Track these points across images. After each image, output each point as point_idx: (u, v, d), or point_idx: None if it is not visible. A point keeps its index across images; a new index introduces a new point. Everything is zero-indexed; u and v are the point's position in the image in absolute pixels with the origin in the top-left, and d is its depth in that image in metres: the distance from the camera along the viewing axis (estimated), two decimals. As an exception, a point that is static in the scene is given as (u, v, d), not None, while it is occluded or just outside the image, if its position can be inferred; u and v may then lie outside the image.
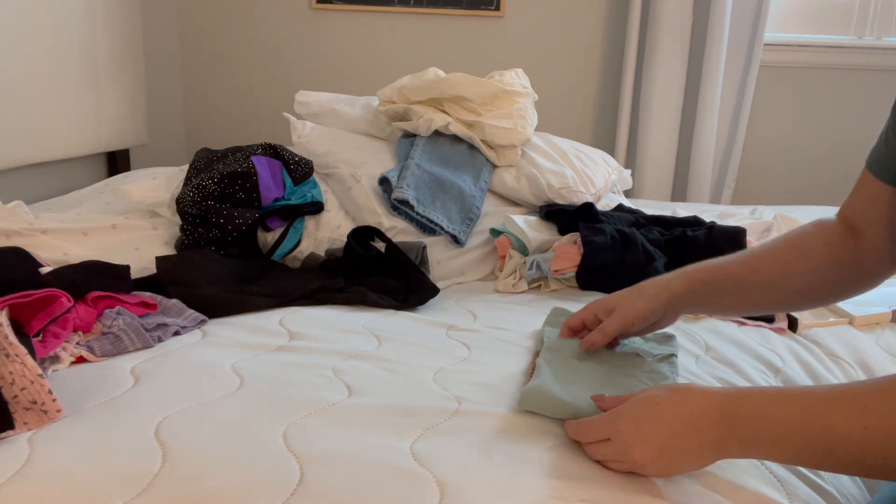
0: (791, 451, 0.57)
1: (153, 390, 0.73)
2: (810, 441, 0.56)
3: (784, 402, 0.58)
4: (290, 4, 2.36)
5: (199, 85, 2.44)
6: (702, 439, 0.59)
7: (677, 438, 0.59)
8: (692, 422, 0.59)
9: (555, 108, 2.39)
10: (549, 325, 0.95)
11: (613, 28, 2.33)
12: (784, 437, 0.57)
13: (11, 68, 1.51)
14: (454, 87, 1.44)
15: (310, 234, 1.29)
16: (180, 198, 1.21)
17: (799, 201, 2.40)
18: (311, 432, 0.65)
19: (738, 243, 1.26)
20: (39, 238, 1.12)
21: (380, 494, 0.57)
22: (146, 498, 0.56)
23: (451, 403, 0.72)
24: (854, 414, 0.55)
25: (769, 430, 0.57)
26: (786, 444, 0.57)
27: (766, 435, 0.57)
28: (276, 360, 0.82)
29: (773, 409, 0.58)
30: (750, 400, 0.59)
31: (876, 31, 2.30)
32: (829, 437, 0.55)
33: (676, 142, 2.29)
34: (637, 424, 0.60)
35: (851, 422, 0.54)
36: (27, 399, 0.66)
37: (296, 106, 1.59)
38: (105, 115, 1.84)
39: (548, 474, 0.60)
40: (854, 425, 0.54)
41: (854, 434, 0.54)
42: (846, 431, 0.55)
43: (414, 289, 1.13)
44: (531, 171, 1.43)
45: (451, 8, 2.31)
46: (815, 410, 0.56)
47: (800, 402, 0.57)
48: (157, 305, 0.94)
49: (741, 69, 2.24)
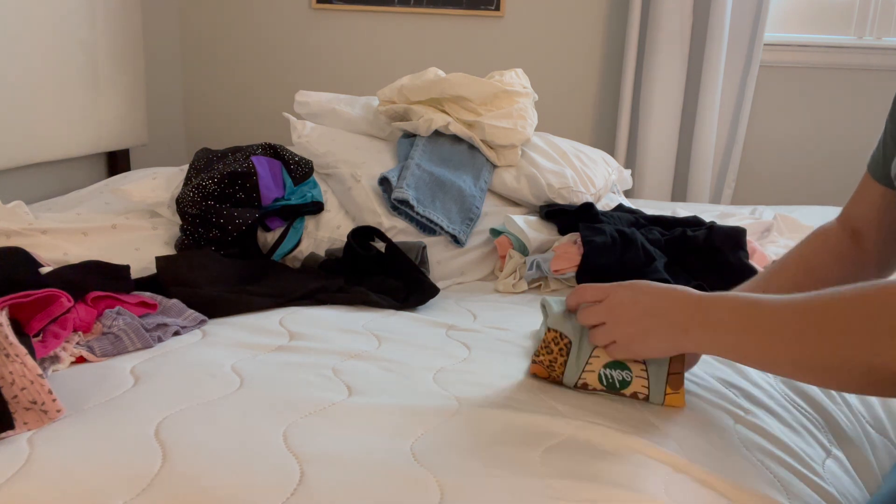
0: (745, 343, 0.61)
1: (153, 390, 0.73)
2: (764, 337, 0.60)
3: (751, 299, 0.62)
4: (290, 4, 2.36)
5: (199, 85, 2.44)
6: (671, 319, 0.65)
7: (651, 317, 0.66)
8: (668, 299, 0.66)
9: (555, 108, 2.39)
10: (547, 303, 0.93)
11: (613, 28, 2.33)
12: (743, 326, 0.61)
13: (11, 68, 1.51)
14: (454, 87, 1.44)
15: (310, 234, 1.29)
16: (180, 198, 1.21)
17: (799, 201, 2.40)
18: (311, 432, 0.65)
19: (738, 243, 1.26)
20: (39, 238, 1.12)
21: (380, 494, 0.57)
22: (146, 498, 0.56)
23: (451, 403, 0.72)
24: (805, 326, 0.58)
25: (730, 317, 0.61)
26: (742, 335, 0.61)
27: (726, 321, 0.61)
28: (276, 360, 0.82)
29: (740, 302, 0.62)
30: (725, 296, 0.64)
31: (876, 31, 2.30)
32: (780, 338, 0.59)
33: (676, 142, 2.29)
34: (630, 290, 0.68)
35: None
36: (27, 399, 0.66)
37: (296, 106, 1.59)
38: (105, 115, 1.84)
39: (548, 474, 0.60)
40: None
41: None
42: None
43: (414, 289, 1.13)
44: (531, 171, 1.43)
45: (451, 8, 2.31)
46: (775, 311, 0.60)
47: (766, 300, 0.61)
48: (157, 305, 0.94)
49: (741, 69, 2.24)
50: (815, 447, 0.75)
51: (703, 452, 0.67)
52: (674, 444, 0.67)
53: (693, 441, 0.68)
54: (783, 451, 0.71)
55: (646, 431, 0.69)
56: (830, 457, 0.76)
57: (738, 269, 1.22)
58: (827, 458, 0.75)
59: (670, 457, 0.64)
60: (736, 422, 0.74)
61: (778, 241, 1.53)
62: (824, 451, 0.76)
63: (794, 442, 0.73)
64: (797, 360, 0.59)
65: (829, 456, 0.76)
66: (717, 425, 0.73)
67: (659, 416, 0.73)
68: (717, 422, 0.73)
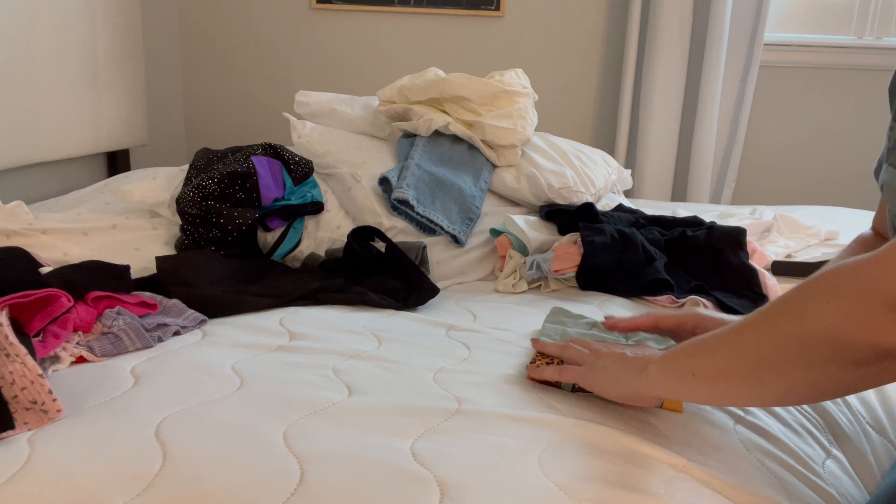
0: (699, 364, 0.62)
1: (153, 390, 0.73)
2: (712, 363, 0.61)
3: (705, 335, 0.64)
4: (290, 4, 2.36)
5: (199, 85, 2.44)
6: (632, 362, 0.70)
7: (626, 360, 0.72)
8: (642, 354, 0.71)
9: (555, 108, 2.39)
10: (549, 323, 0.96)
11: (613, 28, 2.33)
12: (694, 350, 0.63)
13: (12, 68, 1.51)
14: (454, 87, 1.44)
15: (310, 234, 1.29)
16: (180, 198, 1.21)
17: (799, 201, 2.40)
18: (311, 432, 0.65)
19: (738, 243, 1.26)
20: (39, 238, 1.12)
21: (380, 494, 0.57)
22: (146, 498, 0.56)
23: (451, 403, 0.72)
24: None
25: (684, 347, 0.64)
26: (694, 357, 0.63)
27: (679, 351, 0.64)
28: (277, 360, 0.82)
29: (696, 338, 0.64)
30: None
31: (876, 31, 2.30)
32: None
33: (676, 142, 2.29)
34: (615, 348, 0.76)
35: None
36: (27, 399, 0.66)
37: (296, 106, 1.59)
38: (105, 115, 1.84)
39: (548, 474, 0.60)
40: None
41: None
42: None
43: (414, 289, 1.13)
44: (531, 171, 1.43)
45: (451, 8, 2.31)
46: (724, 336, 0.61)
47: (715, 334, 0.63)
48: (157, 305, 0.94)
49: (741, 69, 2.24)
50: (815, 448, 0.75)
51: (703, 453, 0.67)
52: (674, 444, 0.67)
53: (693, 441, 0.68)
54: (783, 451, 0.71)
55: (646, 431, 0.69)
56: (830, 457, 0.76)
57: (738, 270, 1.22)
58: (827, 458, 0.75)
59: (670, 457, 0.64)
60: (736, 422, 0.74)
61: (778, 241, 1.53)
62: (824, 451, 0.76)
63: (794, 442, 0.73)
64: (751, 367, 0.58)
65: (828, 456, 0.76)
66: (717, 425, 0.73)
67: (659, 416, 0.73)
68: (717, 422, 0.73)
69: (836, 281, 0.53)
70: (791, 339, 0.55)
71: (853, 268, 0.53)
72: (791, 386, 0.56)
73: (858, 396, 0.91)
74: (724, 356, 0.60)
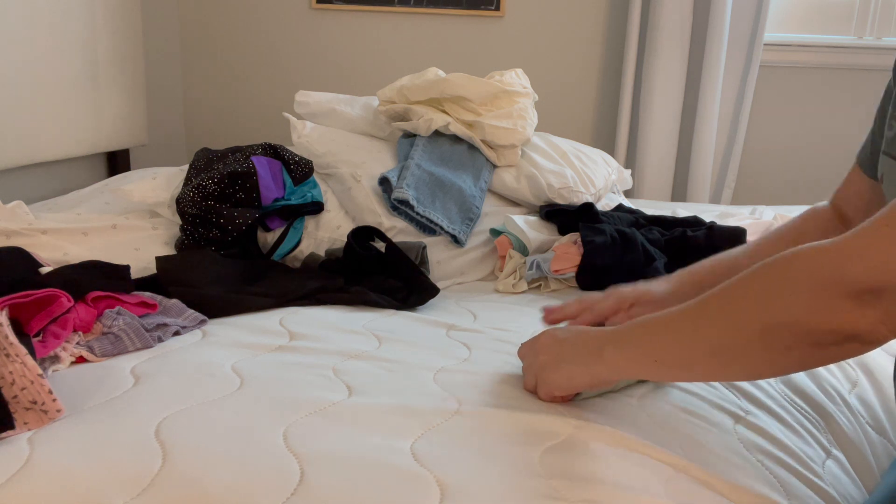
0: (657, 345, 0.62)
1: (153, 390, 0.73)
2: (670, 341, 0.61)
3: (665, 311, 0.64)
4: (289, 4, 2.36)
5: (199, 85, 2.44)
6: (586, 344, 0.68)
7: (565, 344, 0.70)
8: (585, 332, 0.70)
9: (555, 108, 2.39)
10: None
11: (613, 28, 2.33)
12: (653, 328, 0.63)
13: (11, 68, 1.51)
14: (454, 87, 1.44)
15: (310, 234, 1.29)
16: (180, 198, 1.21)
17: (799, 201, 2.40)
18: (311, 432, 0.65)
19: (738, 243, 1.26)
20: (39, 238, 1.12)
21: (380, 494, 0.57)
22: (146, 498, 0.56)
23: (451, 404, 0.72)
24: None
25: (641, 328, 0.64)
26: (653, 338, 0.63)
27: (637, 332, 0.64)
28: (276, 360, 0.82)
29: (652, 315, 0.64)
30: (638, 318, 0.66)
31: (876, 31, 2.30)
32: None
33: (676, 142, 2.29)
34: (553, 331, 0.74)
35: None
36: (27, 399, 0.66)
37: (296, 106, 1.59)
38: (105, 115, 1.84)
39: (548, 474, 0.60)
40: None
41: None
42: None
43: (414, 289, 1.13)
44: (531, 171, 1.43)
45: (451, 8, 2.31)
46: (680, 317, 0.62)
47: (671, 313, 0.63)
48: (157, 305, 0.94)
49: (741, 69, 2.24)
50: (815, 448, 0.75)
51: (703, 452, 0.67)
52: (674, 443, 0.67)
53: (693, 441, 0.68)
54: (783, 451, 0.71)
55: (646, 431, 0.69)
56: (830, 457, 0.76)
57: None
58: (827, 458, 0.75)
59: (670, 457, 0.64)
60: (736, 422, 0.74)
61: (778, 241, 1.53)
62: (824, 451, 0.76)
63: (793, 442, 0.73)
64: (714, 352, 0.58)
65: (828, 457, 0.76)
66: (717, 425, 0.73)
67: (658, 415, 0.73)
68: (717, 422, 0.73)
69: (798, 268, 0.53)
70: (754, 326, 0.55)
71: (814, 255, 0.53)
72: (753, 367, 0.57)
73: (858, 397, 0.91)
74: (687, 342, 0.60)
